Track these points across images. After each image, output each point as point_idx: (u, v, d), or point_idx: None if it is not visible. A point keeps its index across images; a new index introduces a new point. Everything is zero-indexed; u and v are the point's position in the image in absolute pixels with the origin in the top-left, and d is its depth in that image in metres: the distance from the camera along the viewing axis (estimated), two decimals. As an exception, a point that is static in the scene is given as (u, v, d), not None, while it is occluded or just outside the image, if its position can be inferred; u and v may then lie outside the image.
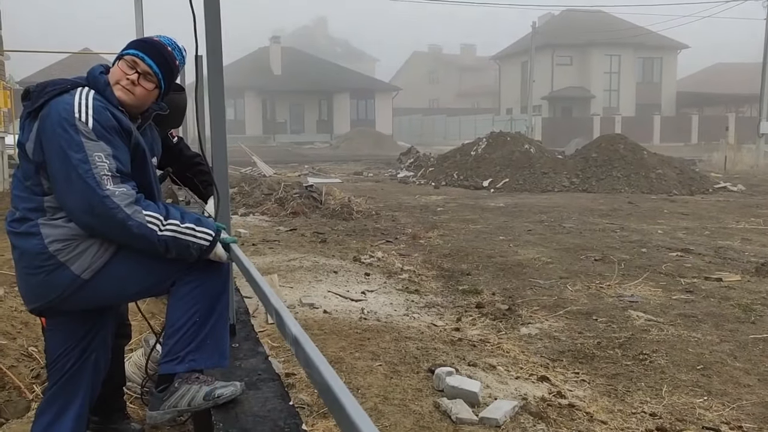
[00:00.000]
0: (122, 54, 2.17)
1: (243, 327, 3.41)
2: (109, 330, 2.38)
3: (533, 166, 15.31)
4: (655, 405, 3.20)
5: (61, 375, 2.17)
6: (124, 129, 2.06)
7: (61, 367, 2.17)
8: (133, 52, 2.14)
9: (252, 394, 2.47)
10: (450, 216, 10.18)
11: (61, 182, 1.96)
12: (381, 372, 3.42)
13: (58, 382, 2.17)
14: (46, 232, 1.99)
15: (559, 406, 3.10)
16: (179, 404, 2.22)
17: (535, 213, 10.48)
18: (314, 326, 4.20)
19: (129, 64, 2.13)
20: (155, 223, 2.00)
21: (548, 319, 4.62)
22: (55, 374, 2.18)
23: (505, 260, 6.65)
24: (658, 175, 14.54)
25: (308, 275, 5.71)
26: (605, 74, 43.31)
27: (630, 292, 5.39)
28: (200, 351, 2.18)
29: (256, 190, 11.37)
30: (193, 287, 2.14)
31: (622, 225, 9.14)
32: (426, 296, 5.23)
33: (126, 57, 2.14)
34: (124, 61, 2.14)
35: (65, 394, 2.18)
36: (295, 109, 45.08)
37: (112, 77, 2.13)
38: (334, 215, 9.73)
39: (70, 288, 2.02)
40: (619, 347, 4.03)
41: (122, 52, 2.18)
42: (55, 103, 1.99)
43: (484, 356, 3.78)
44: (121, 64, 2.14)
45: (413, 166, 19.30)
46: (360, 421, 0.96)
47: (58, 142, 1.94)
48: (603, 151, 15.42)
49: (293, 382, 3.17)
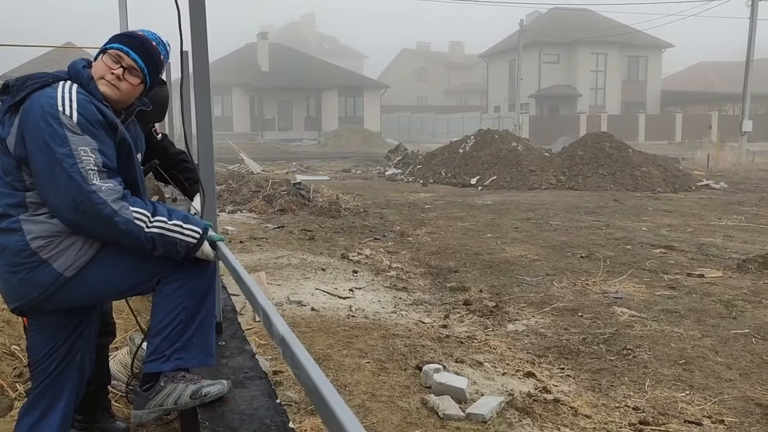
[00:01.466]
0: (106, 48, 2.11)
1: (230, 325, 3.40)
2: (94, 329, 2.34)
3: (521, 164, 15.38)
4: (638, 399, 3.24)
5: (46, 375, 2.12)
6: (109, 123, 2.01)
7: (46, 368, 2.12)
8: (117, 46, 2.10)
9: (239, 392, 2.46)
10: (438, 213, 10.21)
11: (44, 177, 1.90)
12: (369, 369, 3.43)
13: (42, 383, 2.13)
14: (28, 229, 1.94)
15: (545, 401, 3.13)
16: (165, 403, 2.20)
17: (523, 210, 10.53)
18: (302, 324, 4.20)
19: (113, 58, 2.09)
20: (142, 219, 1.97)
21: (535, 316, 4.66)
22: (39, 375, 2.13)
23: (492, 257, 6.68)
24: (643, 173, 14.66)
25: (296, 273, 5.71)
26: (591, 72, 43.58)
27: (615, 288, 5.44)
28: (186, 349, 2.16)
29: (243, 187, 11.33)
30: (179, 285, 2.12)
31: (607, 222, 9.22)
32: (414, 293, 5.25)
33: (110, 51, 2.09)
34: (108, 56, 2.09)
35: (50, 394, 2.14)
36: (283, 106, 44.91)
37: (95, 72, 2.08)
38: (323, 212, 9.73)
39: (52, 286, 1.97)
40: (603, 343, 4.07)
41: (106, 46, 2.12)
42: (36, 96, 1.94)
43: (471, 353, 3.81)
44: (105, 58, 2.09)
45: (401, 163, 19.31)
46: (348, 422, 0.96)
47: (41, 136, 1.89)
48: (589, 149, 15.52)
49: (280, 380, 3.18)
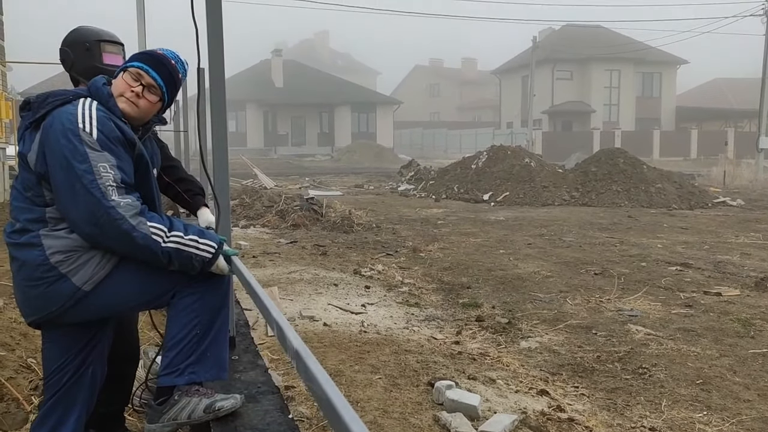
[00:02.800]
0: (126, 66, 2.16)
1: (243, 339, 3.41)
2: (107, 343, 2.35)
3: (533, 180, 15.35)
4: (654, 419, 3.20)
5: (59, 388, 2.14)
6: (128, 140, 2.05)
7: (58, 381, 2.14)
8: (137, 65, 2.14)
9: (251, 407, 2.47)
10: (450, 229, 10.19)
11: (64, 193, 1.93)
12: (381, 385, 3.42)
13: (54, 396, 2.14)
14: (48, 243, 1.97)
15: (559, 420, 3.10)
16: (179, 417, 2.21)
17: (536, 227, 10.49)
18: (314, 339, 4.20)
19: (133, 76, 2.13)
20: (159, 234, 1.99)
21: (548, 333, 4.62)
22: (52, 387, 2.15)
23: (505, 273, 6.65)
24: (658, 190, 14.57)
25: (308, 288, 5.72)
26: (605, 89, 43.51)
27: (629, 306, 5.39)
28: (200, 363, 2.17)
29: (257, 202, 11.39)
30: (193, 300, 2.14)
31: (621, 239, 9.15)
32: (426, 309, 5.23)
33: (130, 69, 2.14)
34: (128, 74, 2.14)
35: (62, 408, 2.14)
36: (296, 122, 45.22)
37: (115, 89, 2.12)
38: (335, 228, 9.75)
39: (70, 300, 1.99)
40: (618, 361, 4.03)
41: (126, 64, 2.17)
42: (57, 113, 1.98)
43: (483, 370, 3.78)
44: (126, 76, 2.14)
45: (414, 179, 19.33)
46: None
47: (61, 152, 1.92)
48: (603, 165, 15.46)
49: (293, 395, 3.18)
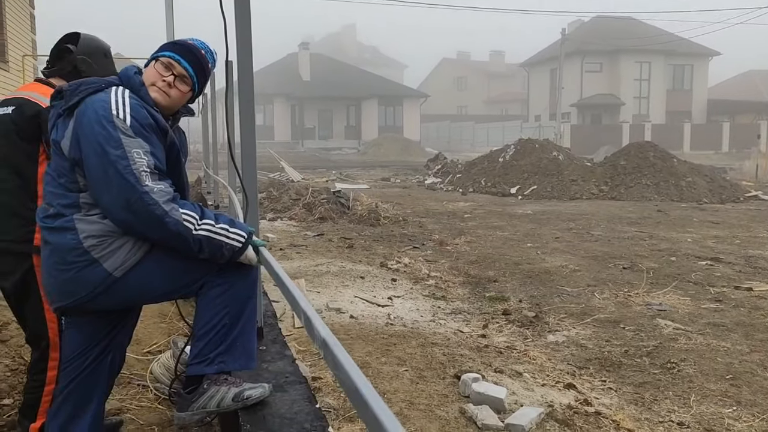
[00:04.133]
0: (158, 56, 2.18)
1: (270, 330, 3.45)
2: (128, 331, 2.38)
3: (561, 174, 15.19)
4: (682, 414, 3.16)
5: (76, 374, 2.16)
6: (160, 128, 2.07)
7: (77, 367, 2.16)
8: (169, 54, 2.16)
9: (279, 396, 2.49)
10: (477, 223, 10.15)
11: (98, 178, 1.95)
12: (407, 377, 3.43)
13: (72, 383, 2.16)
14: (81, 228, 1.99)
15: (586, 414, 3.08)
16: (208, 405, 2.23)
17: (563, 220, 10.39)
18: (341, 331, 4.23)
19: (165, 66, 2.15)
20: (191, 221, 2.00)
21: (575, 327, 4.59)
22: (70, 374, 2.16)
23: (532, 267, 6.61)
24: (688, 183, 14.30)
25: (335, 280, 5.75)
26: (635, 81, 42.75)
27: (658, 300, 5.32)
28: (229, 353, 2.19)
29: (284, 195, 11.48)
30: (222, 290, 2.15)
31: (651, 233, 9.02)
32: (452, 302, 5.23)
33: (162, 59, 2.16)
34: (160, 63, 2.16)
35: (80, 395, 2.17)
36: (323, 115, 45.36)
37: (147, 78, 2.14)
38: (362, 221, 9.78)
39: (101, 286, 2.00)
40: (646, 356, 3.98)
41: (157, 54, 2.19)
42: (90, 101, 2.00)
43: (510, 363, 3.77)
44: (157, 65, 2.16)
45: (441, 172, 19.28)
46: (388, 423, 0.97)
47: (95, 139, 1.94)
48: (632, 159, 15.23)
49: (319, 386, 3.21)
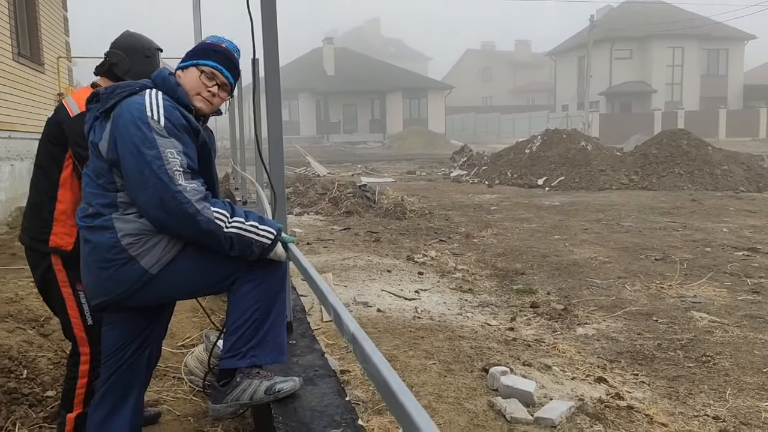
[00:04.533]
0: (199, 64, 2.25)
1: (299, 324, 3.48)
2: (165, 326, 2.47)
3: (590, 164, 14.98)
4: (718, 408, 3.11)
5: (116, 368, 2.24)
6: (192, 128, 2.15)
7: (117, 361, 2.24)
8: (212, 65, 2.25)
9: (309, 390, 2.53)
10: (504, 215, 10.08)
11: (134, 178, 2.02)
12: (435, 370, 3.44)
13: (112, 376, 2.24)
14: (119, 226, 2.06)
15: (617, 408, 3.05)
16: (241, 398, 2.30)
17: (592, 211, 10.26)
18: (368, 324, 4.25)
19: (208, 75, 2.24)
20: (222, 219, 2.06)
21: (606, 320, 4.54)
22: (110, 367, 2.25)
23: (560, 259, 6.55)
24: (724, 172, 13.99)
25: (362, 274, 5.78)
26: (667, 67, 41.83)
27: (693, 292, 5.23)
28: (260, 347, 2.24)
29: (310, 189, 11.55)
30: (253, 286, 2.20)
31: (684, 223, 8.86)
32: (480, 295, 5.22)
33: (205, 69, 2.24)
34: (203, 73, 2.24)
35: (120, 387, 2.25)
36: (348, 109, 45.45)
37: (190, 86, 2.22)
38: (388, 214, 9.79)
39: (138, 282, 2.08)
40: (680, 349, 3.92)
41: (199, 61, 2.25)
42: (126, 103, 2.09)
43: (539, 356, 3.75)
44: (202, 77, 2.24)
45: (466, 164, 19.18)
46: (417, 416, 0.98)
47: (131, 140, 2.02)
48: (664, 147, 14.94)
49: (348, 379, 3.24)
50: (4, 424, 2.79)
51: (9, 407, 2.89)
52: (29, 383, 3.08)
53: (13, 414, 2.87)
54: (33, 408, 2.96)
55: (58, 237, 2.47)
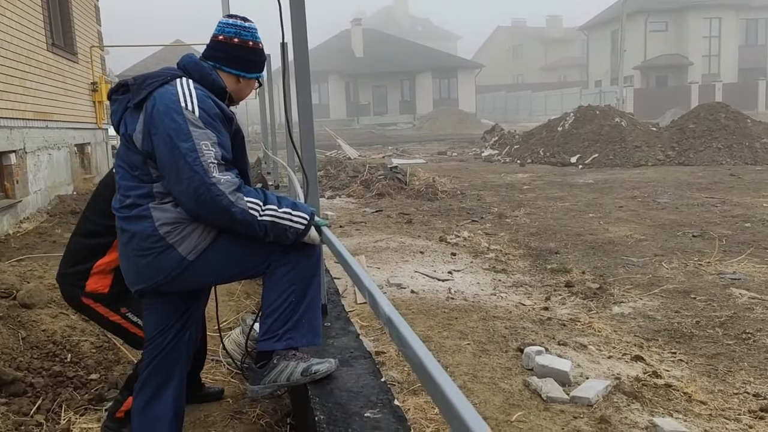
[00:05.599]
0: (260, 77, 2.45)
1: (334, 307, 3.52)
2: (203, 309, 2.52)
3: (624, 140, 14.68)
4: (759, 385, 3.05)
5: (158, 352, 2.28)
6: (226, 116, 2.16)
7: (158, 345, 2.28)
8: (259, 75, 2.43)
9: (345, 371, 2.56)
10: (536, 194, 9.98)
11: (169, 170, 2.04)
12: (469, 351, 3.45)
13: (155, 360, 2.29)
14: (157, 216, 2.09)
15: (655, 386, 3.02)
16: (279, 379, 2.34)
17: (627, 189, 10.08)
18: (402, 306, 4.27)
19: (256, 84, 2.44)
20: (255, 209, 2.08)
21: (642, 298, 4.47)
22: (152, 351, 2.29)
23: (595, 238, 6.46)
24: (764, 145, 13.57)
25: (395, 256, 5.80)
26: (704, 39, 40.55)
27: (732, 269, 5.11)
28: (296, 330, 2.28)
29: (341, 172, 11.59)
30: (288, 269, 2.23)
31: (723, 199, 8.64)
32: (513, 275, 5.19)
33: (259, 80, 2.44)
34: (257, 83, 2.44)
35: (162, 370, 2.30)
36: (377, 91, 45.28)
37: (244, 93, 2.40)
38: (419, 196, 9.78)
39: (177, 269, 2.12)
40: (719, 326, 3.85)
41: (260, 75, 2.44)
42: (159, 94, 2.09)
43: (574, 335, 3.73)
44: (255, 86, 2.45)
45: (498, 144, 18.99)
46: (453, 396, 0.99)
47: (166, 132, 2.03)
48: (702, 121, 14.55)
49: (383, 360, 3.26)
50: (50, 406, 2.89)
51: (55, 390, 3.00)
52: (73, 367, 3.18)
53: (59, 397, 2.97)
54: (78, 391, 3.06)
55: (94, 283, 2.56)
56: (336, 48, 46.05)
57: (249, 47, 2.30)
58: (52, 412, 2.88)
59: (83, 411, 2.95)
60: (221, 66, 2.29)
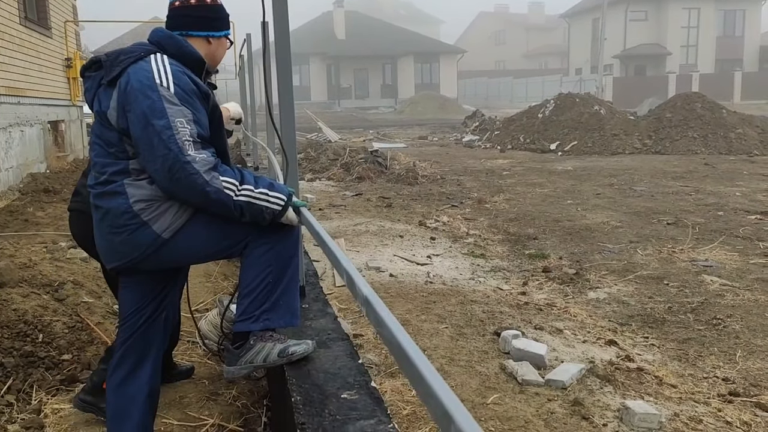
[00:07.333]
0: (228, 35, 2.38)
1: (312, 289, 3.51)
2: (179, 290, 2.50)
3: (603, 128, 14.81)
4: (728, 370, 3.12)
5: (133, 331, 2.26)
6: (202, 93, 2.12)
7: (134, 324, 2.26)
8: (228, 33, 2.38)
9: (323, 352, 2.56)
10: (516, 180, 10.03)
11: (143, 148, 2.01)
12: (447, 334, 3.47)
13: (130, 338, 2.27)
14: (131, 192, 2.06)
15: (628, 370, 3.07)
16: (255, 360, 2.33)
17: (605, 176, 10.18)
18: (380, 289, 4.28)
19: (227, 44, 2.40)
20: (231, 188, 2.06)
21: (617, 284, 4.54)
22: (127, 330, 2.27)
23: (572, 224, 6.53)
24: (738, 135, 13.79)
25: (374, 239, 5.80)
26: (682, 29, 40.90)
27: (704, 256, 5.21)
28: (273, 311, 2.27)
29: (322, 155, 11.52)
30: (265, 250, 2.21)
31: (697, 187, 8.78)
32: (492, 260, 5.23)
33: (229, 38, 2.40)
34: (229, 42, 2.40)
35: (138, 349, 2.27)
36: (359, 74, 44.98)
37: (219, 57, 2.36)
38: (400, 180, 9.77)
39: (151, 246, 2.09)
40: (691, 312, 3.93)
41: (228, 33, 2.37)
42: (133, 70, 2.04)
43: (550, 320, 3.77)
44: (229, 46, 2.40)
45: (479, 129, 19.02)
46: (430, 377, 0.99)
47: (141, 109, 1.99)
48: (678, 111, 14.72)
49: (361, 343, 3.27)
50: (21, 386, 2.85)
51: (26, 370, 2.96)
52: (45, 347, 3.13)
53: (30, 377, 2.93)
54: (49, 371, 3.02)
55: None
56: (318, 30, 45.56)
57: (208, 5, 2.28)
58: (23, 393, 2.84)
59: (55, 392, 2.92)
60: (188, 32, 2.24)
